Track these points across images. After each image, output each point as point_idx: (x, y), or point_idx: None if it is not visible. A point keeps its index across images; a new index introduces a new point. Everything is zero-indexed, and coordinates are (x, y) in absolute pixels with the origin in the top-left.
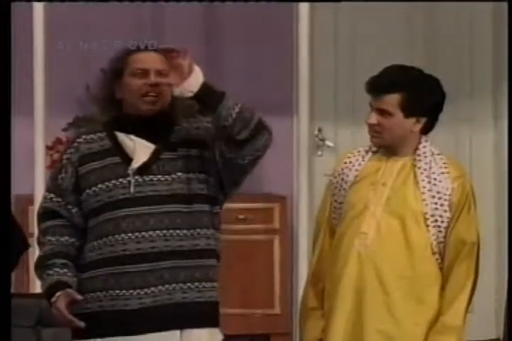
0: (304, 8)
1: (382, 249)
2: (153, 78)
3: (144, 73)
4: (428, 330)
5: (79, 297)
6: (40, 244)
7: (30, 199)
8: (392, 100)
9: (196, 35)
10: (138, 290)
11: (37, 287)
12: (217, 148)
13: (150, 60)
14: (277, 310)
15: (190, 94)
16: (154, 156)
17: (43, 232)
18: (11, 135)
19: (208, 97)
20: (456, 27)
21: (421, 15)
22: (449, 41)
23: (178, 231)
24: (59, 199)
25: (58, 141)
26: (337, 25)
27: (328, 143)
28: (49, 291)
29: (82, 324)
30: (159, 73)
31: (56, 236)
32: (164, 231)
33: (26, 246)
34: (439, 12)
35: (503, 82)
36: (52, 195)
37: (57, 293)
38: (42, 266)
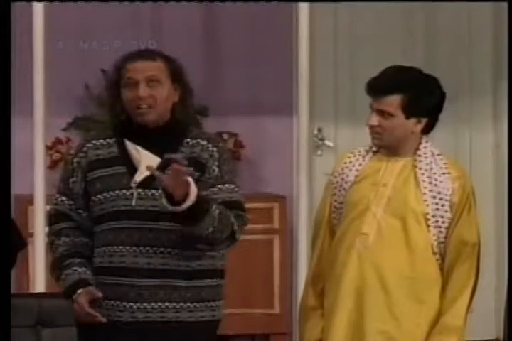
0: (303, 8)
1: (383, 250)
2: (142, 90)
3: (134, 84)
4: (429, 331)
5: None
6: (53, 245)
7: (29, 199)
8: (392, 101)
9: (196, 35)
10: (131, 304)
11: (37, 287)
12: None
13: (140, 69)
14: (277, 310)
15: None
16: (159, 170)
17: (56, 234)
18: (11, 135)
19: (190, 217)
20: (456, 27)
21: (421, 15)
22: (449, 41)
23: (176, 251)
24: (70, 203)
25: (58, 140)
26: (337, 25)
27: (328, 143)
28: (70, 289)
29: (103, 319)
30: (150, 80)
31: (70, 238)
32: (161, 249)
33: (23, 244)
34: (438, 12)
35: (503, 82)
36: (63, 198)
37: (79, 291)
38: (59, 267)
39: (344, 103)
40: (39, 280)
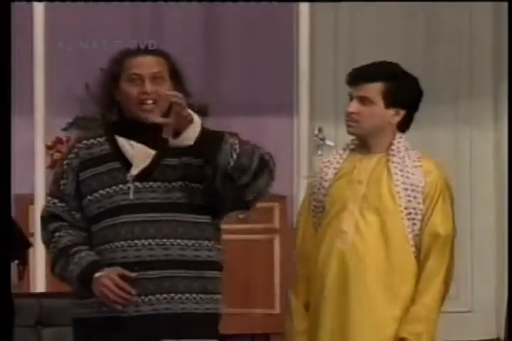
0: (304, 8)
1: (363, 247)
2: (148, 85)
3: (139, 79)
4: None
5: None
6: (52, 241)
7: (30, 199)
8: (374, 88)
9: (196, 35)
10: (136, 298)
11: (37, 287)
12: (218, 185)
13: (145, 65)
14: (277, 309)
15: (189, 144)
16: (154, 162)
17: (53, 231)
18: (11, 135)
19: (205, 147)
20: (456, 27)
21: (421, 15)
22: (449, 41)
23: (178, 241)
24: (63, 205)
25: (58, 140)
26: (337, 25)
27: (329, 142)
28: (89, 269)
29: (134, 299)
30: (155, 77)
31: (70, 231)
32: (164, 240)
33: (27, 244)
34: (438, 12)
35: (503, 82)
36: (55, 200)
37: (104, 269)
38: (66, 255)
39: (344, 103)
40: (39, 280)
